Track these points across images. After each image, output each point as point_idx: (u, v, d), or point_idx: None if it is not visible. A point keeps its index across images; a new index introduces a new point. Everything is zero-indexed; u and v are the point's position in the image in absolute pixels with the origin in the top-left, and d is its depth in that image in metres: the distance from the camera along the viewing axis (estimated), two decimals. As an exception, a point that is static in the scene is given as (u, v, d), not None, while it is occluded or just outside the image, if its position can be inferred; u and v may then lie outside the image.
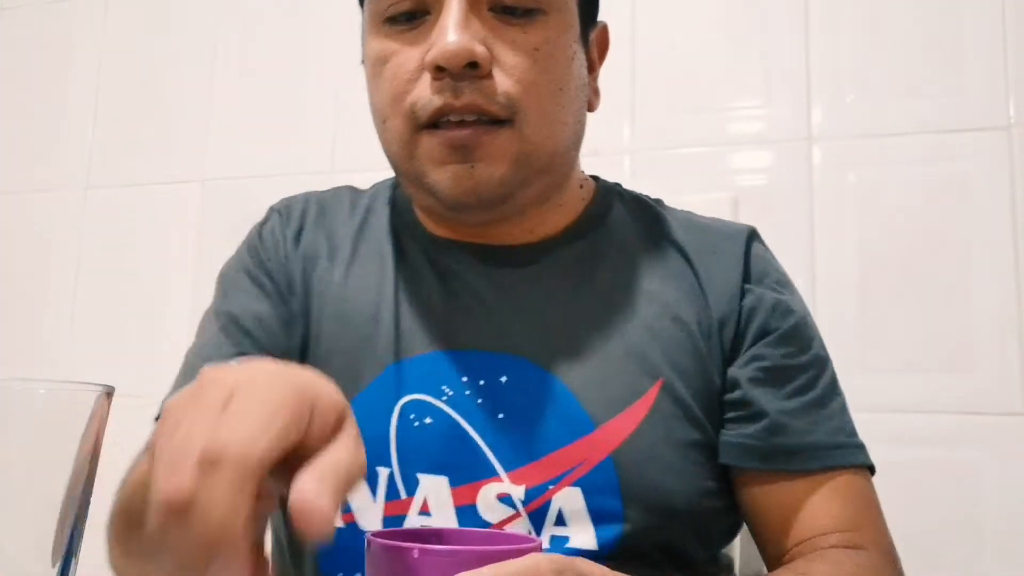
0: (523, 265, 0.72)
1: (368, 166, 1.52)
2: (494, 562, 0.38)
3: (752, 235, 0.76)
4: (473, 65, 0.62)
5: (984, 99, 1.21)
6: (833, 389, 0.71)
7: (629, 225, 0.76)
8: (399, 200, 0.78)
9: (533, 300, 0.70)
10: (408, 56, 0.66)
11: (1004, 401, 1.15)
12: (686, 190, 1.21)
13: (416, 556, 0.39)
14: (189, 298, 1.53)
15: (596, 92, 0.75)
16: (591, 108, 0.73)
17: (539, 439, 0.65)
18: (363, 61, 0.72)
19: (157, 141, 1.63)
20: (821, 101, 1.29)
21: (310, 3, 1.58)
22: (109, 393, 0.40)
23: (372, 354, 0.69)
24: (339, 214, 0.78)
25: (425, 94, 0.64)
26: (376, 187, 0.82)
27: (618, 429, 0.66)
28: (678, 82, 1.36)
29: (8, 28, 1.77)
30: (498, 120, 0.64)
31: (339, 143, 1.52)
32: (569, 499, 0.64)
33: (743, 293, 0.71)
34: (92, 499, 0.40)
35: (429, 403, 0.67)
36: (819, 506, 0.67)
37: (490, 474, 0.65)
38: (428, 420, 0.67)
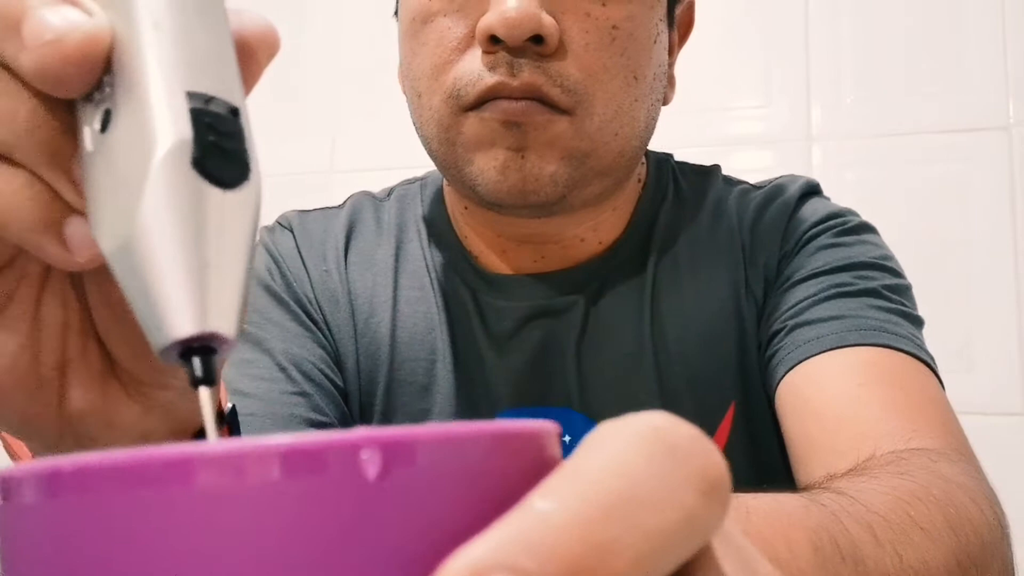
0: (576, 293, 0.62)
1: (368, 166, 1.53)
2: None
3: (803, 197, 0.63)
4: (537, 39, 0.50)
5: (984, 99, 1.21)
6: (898, 293, 0.58)
7: (684, 223, 0.64)
8: (437, 224, 0.66)
9: (586, 342, 0.61)
10: (456, 19, 0.53)
11: (1004, 401, 1.15)
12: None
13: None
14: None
15: (672, 82, 0.63)
16: (665, 101, 0.61)
17: None
18: (396, 14, 0.60)
19: (157, 141, 1.63)
20: (821, 101, 1.29)
21: (310, 3, 1.58)
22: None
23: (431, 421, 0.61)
24: (367, 236, 0.65)
25: (473, 69, 0.52)
26: (400, 194, 0.68)
27: None
28: (678, 82, 1.36)
29: (8, 28, 1.77)
30: (557, 108, 0.52)
31: (339, 143, 1.52)
32: None
33: (779, 271, 0.61)
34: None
35: None
36: (869, 402, 0.51)
37: None
38: None
